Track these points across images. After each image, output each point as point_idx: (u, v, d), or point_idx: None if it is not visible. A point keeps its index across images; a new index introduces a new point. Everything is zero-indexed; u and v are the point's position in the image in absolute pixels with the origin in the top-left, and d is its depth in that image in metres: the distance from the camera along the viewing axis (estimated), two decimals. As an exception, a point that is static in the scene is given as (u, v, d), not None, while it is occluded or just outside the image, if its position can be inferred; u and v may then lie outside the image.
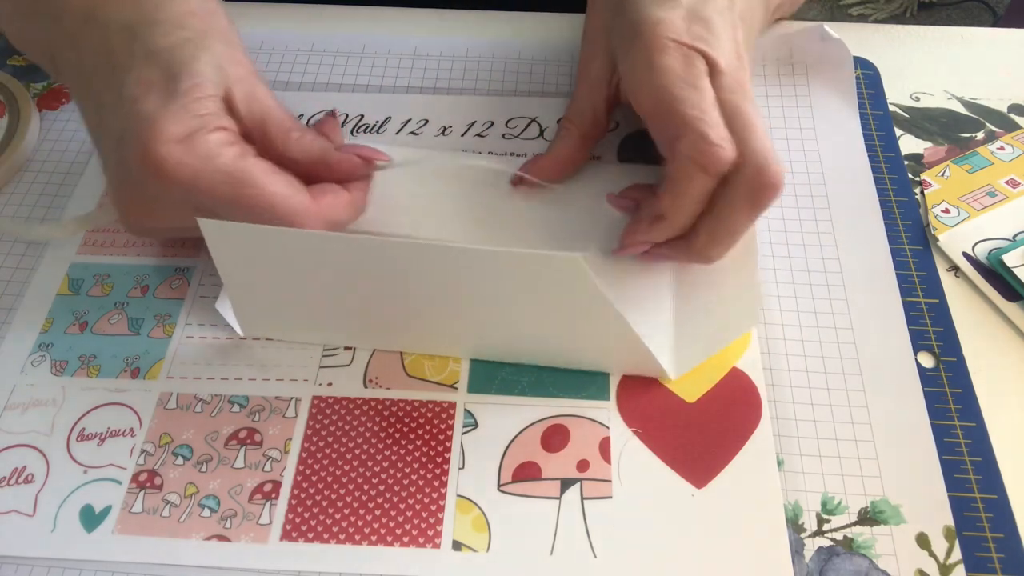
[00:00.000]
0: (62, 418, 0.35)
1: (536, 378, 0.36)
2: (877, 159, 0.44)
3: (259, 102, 0.34)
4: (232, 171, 0.32)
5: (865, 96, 0.46)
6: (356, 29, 0.51)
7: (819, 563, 0.31)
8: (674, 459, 0.34)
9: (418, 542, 0.32)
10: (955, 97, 0.47)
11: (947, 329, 0.37)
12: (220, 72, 0.33)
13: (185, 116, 0.32)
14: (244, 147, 0.33)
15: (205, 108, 0.32)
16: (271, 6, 0.53)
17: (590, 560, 0.32)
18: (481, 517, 0.33)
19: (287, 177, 0.33)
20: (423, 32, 0.51)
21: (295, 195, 0.33)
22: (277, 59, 0.49)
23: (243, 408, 0.36)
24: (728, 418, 0.35)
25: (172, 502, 0.33)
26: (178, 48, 0.33)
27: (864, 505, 0.33)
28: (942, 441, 0.34)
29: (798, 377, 0.36)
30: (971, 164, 0.44)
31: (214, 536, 0.32)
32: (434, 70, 0.49)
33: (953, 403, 0.35)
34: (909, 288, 0.39)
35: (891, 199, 0.42)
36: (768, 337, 0.37)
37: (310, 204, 0.33)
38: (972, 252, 0.40)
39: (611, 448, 0.34)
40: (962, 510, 0.32)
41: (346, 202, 0.35)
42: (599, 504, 0.33)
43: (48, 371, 0.37)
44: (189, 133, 0.31)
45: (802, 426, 0.35)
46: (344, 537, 0.32)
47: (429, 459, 0.34)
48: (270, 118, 0.34)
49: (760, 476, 0.33)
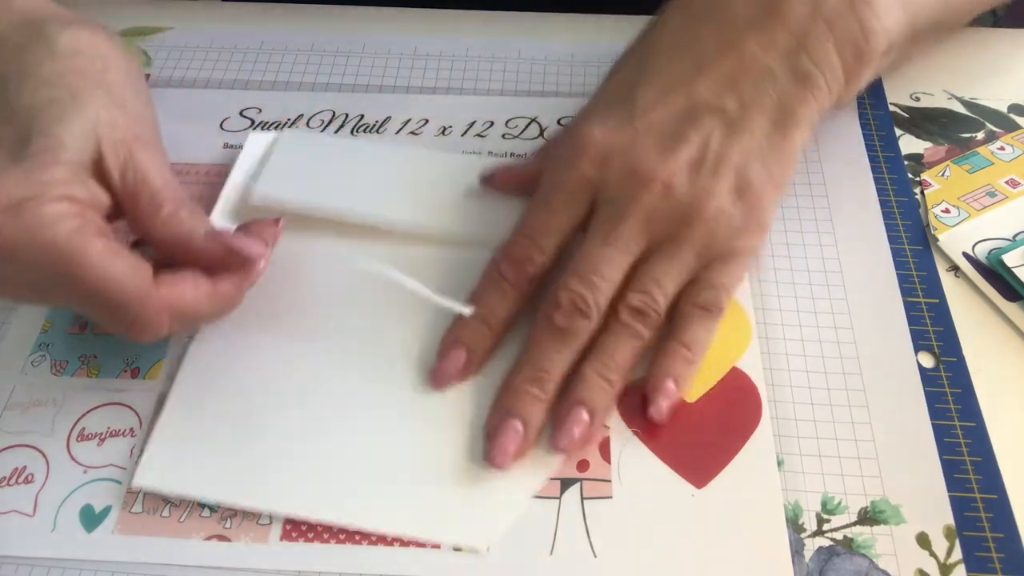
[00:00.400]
0: (62, 418, 0.35)
1: (536, 378, 0.36)
2: (877, 159, 0.44)
3: (136, 170, 0.32)
4: (60, 246, 0.29)
5: (865, 96, 0.46)
6: (356, 29, 0.51)
7: (819, 563, 0.31)
8: (674, 459, 0.34)
9: (418, 542, 0.32)
10: (955, 97, 0.47)
11: (947, 329, 0.37)
12: (88, 137, 0.31)
13: (22, 182, 0.29)
14: (87, 222, 0.30)
15: (50, 175, 0.30)
16: (271, 6, 0.53)
17: (590, 560, 0.32)
18: (481, 517, 0.33)
19: (130, 260, 0.30)
20: (423, 32, 0.51)
21: (131, 280, 0.30)
22: (277, 59, 0.49)
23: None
24: (728, 418, 0.35)
25: (172, 502, 0.33)
26: (41, 109, 0.31)
27: (864, 505, 0.33)
28: (942, 441, 0.34)
29: (798, 377, 0.36)
30: (971, 164, 0.44)
31: (214, 536, 0.32)
32: (434, 70, 0.49)
33: (953, 403, 0.35)
34: (909, 288, 0.39)
35: (891, 199, 0.42)
36: (768, 337, 0.37)
37: (148, 291, 0.30)
38: (972, 252, 0.40)
39: (611, 448, 0.34)
40: (962, 510, 0.32)
41: (205, 294, 0.32)
42: (599, 504, 0.33)
43: (48, 371, 0.37)
44: (19, 201, 0.29)
45: (802, 426, 0.35)
46: (344, 537, 0.32)
47: (429, 459, 0.34)
48: (144, 188, 0.32)
49: (760, 476, 0.33)
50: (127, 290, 0.30)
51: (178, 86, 0.48)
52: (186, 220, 0.32)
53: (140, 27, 0.52)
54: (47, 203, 0.29)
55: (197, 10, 0.53)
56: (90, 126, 0.31)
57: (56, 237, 0.29)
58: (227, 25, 0.52)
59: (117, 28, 0.51)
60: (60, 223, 0.29)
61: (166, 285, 0.31)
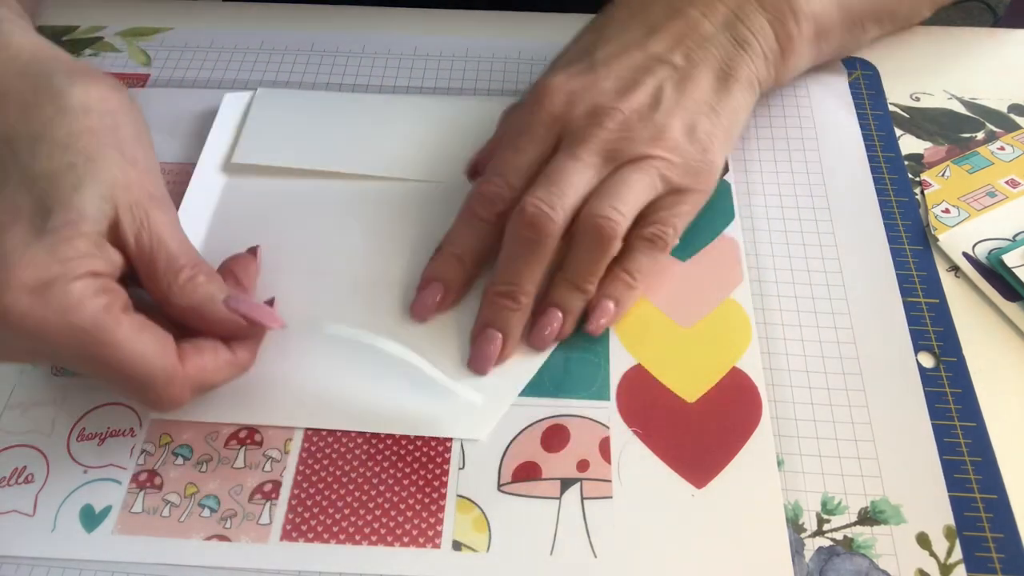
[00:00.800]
0: (62, 418, 0.35)
1: (536, 378, 0.36)
2: (877, 159, 0.44)
3: (152, 231, 0.32)
4: (89, 327, 0.29)
5: (865, 96, 0.46)
6: (356, 29, 0.51)
7: (819, 563, 0.31)
8: (674, 459, 0.34)
9: (418, 542, 0.32)
10: (955, 97, 0.47)
11: (947, 329, 0.37)
12: (106, 202, 0.31)
13: (47, 260, 0.29)
14: (113, 297, 0.30)
15: (75, 250, 0.29)
16: (271, 6, 0.53)
17: (590, 560, 0.32)
18: (481, 517, 0.33)
19: (155, 334, 0.31)
20: (423, 32, 0.51)
21: (158, 358, 0.30)
22: (277, 59, 0.49)
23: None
24: (728, 418, 0.35)
25: (172, 502, 0.33)
26: (58, 176, 0.30)
27: (864, 505, 0.33)
28: (942, 441, 0.34)
29: (798, 377, 0.36)
30: (971, 164, 0.44)
31: (214, 536, 0.32)
32: (434, 70, 0.49)
33: (953, 403, 0.35)
34: (909, 288, 0.39)
35: (891, 199, 0.42)
36: (768, 337, 0.37)
37: (175, 369, 0.31)
38: (972, 252, 0.40)
39: (611, 448, 0.34)
40: (962, 510, 0.32)
41: (225, 363, 0.33)
42: (599, 504, 0.33)
43: (48, 371, 0.37)
44: (47, 281, 0.28)
45: (802, 426, 0.35)
46: (344, 537, 0.32)
47: (429, 459, 0.34)
48: (160, 251, 0.32)
49: (760, 476, 0.33)
50: (154, 370, 0.30)
51: (178, 86, 0.48)
52: (204, 286, 0.32)
53: (140, 27, 0.52)
54: (73, 282, 0.29)
55: (197, 10, 0.53)
56: (108, 191, 0.31)
57: (84, 319, 0.29)
58: (227, 25, 0.52)
59: (117, 28, 0.52)
60: (87, 303, 0.29)
61: (189, 358, 0.31)
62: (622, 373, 0.36)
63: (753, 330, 0.37)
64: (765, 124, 0.45)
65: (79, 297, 0.29)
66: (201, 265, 0.33)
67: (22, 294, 0.28)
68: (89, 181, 0.31)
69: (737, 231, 0.41)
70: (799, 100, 0.46)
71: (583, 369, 0.37)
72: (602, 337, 0.37)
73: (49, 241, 0.29)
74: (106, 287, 0.30)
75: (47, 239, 0.29)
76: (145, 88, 0.48)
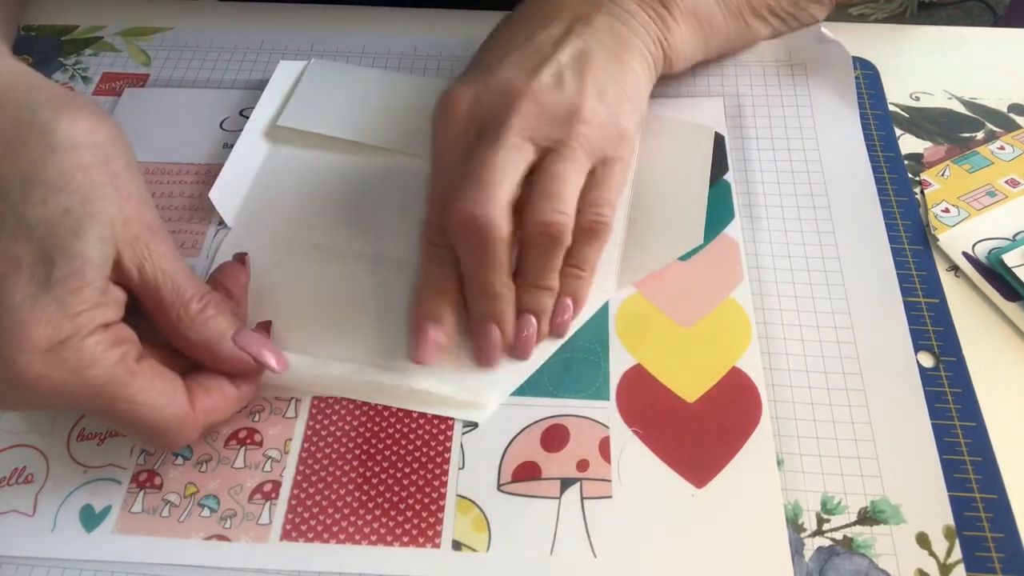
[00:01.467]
0: (62, 418, 0.35)
1: (535, 378, 0.36)
2: (877, 159, 0.44)
3: (155, 263, 0.31)
4: (104, 383, 0.29)
5: (865, 96, 0.46)
6: (356, 29, 0.51)
7: (819, 563, 0.31)
8: (674, 459, 0.34)
9: (418, 542, 0.32)
10: (955, 97, 0.47)
11: (947, 329, 0.37)
12: (107, 244, 0.30)
13: (58, 317, 0.28)
14: (127, 347, 0.30)
15: (84, 302, 0.29)
16: (271, 6, 0.53)
17: (590, 560, 0.32)
18: (481, 517, 0.33)
19: (167, 381, 0.31)
20: (423, 32, 0.51)
21: (171, 408, 0.30)
22: (277, 59, 0.49)
23: (243, 408, 0.36)
24: (728, 418, 0.35)
25: (172, 502, 0.33)
26: (56, 222, 0.30)
27: (864, 505, 0.33)
28: (942, 441, 0.34)
29: (798, 377, 0.36)
30: (971, 164, 0.44)
31: (214, 536, 0.32)
32: (434, 70, 0.49)
33: (953, 403, 0.35)
34: (909, 288, 0.39)
35: (891, 199, 0.42)
36: (768, 337, 0.37)
37: (186, 417, 0.31)
38: (972, 252, 0.40)
39: (611, 448, 0.34)
40: (962, 510, 0.32)
41: (232, 400, 0.33)
42: (599, 504, 0.33)
43: (48, 371, 0.37)
44: (61, 340, 0.28)
45: (802, 426, 0.35)
46: (344, 537, 0.32)
47: (429, 459, 0.34)
48: (165, 283, 0.32)
49: (760, 476, 0.33)
50: (168, 420, 0.30)
51: (178, 86, 0.48)
52: (214, 321, 0.32)
53: (140, 27, 0.52)
54: (86, 338, 0.29)
55: (197, 10, 0.53)
56: (107, 232, 0.30)
57: (99, 376, 0.29)
58: (227, 25, 0.52)
59: (117, 28, 0.52)
60: (101, 359, 0.29)
61: (199, 400, 0.32)
62: (622, 373, 0.36)
63: (753, 330, 0.37)
64: (765, 124, 0.45)
65: (92, 355, 0.29)
66: (209, 296, 0.33)
67: (36, 355, 0.28)
68: (88, 224, 0.30)
69: (737, 231, 0.41)
70: (799, 100, 0.46)
71: (583, 369, 0.37)
72: (602, 337, 0.37)
73: (57, 294, 0.29)
74: (117, 337, 0.30)
75: (55, 292, 0.29)
76: (145, 88, 0.48)
